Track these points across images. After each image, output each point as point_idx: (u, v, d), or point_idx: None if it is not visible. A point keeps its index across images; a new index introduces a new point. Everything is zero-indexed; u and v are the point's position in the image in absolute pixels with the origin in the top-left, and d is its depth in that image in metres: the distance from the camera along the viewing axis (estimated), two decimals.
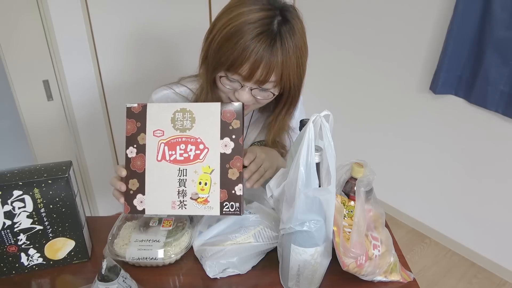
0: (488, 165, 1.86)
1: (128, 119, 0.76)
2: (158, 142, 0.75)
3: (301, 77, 0.85)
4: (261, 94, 0.83)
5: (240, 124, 0.75)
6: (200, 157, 0.75)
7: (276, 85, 0.82)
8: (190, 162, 0.75)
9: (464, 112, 1.86)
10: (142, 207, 0.75)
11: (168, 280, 0.78)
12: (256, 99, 0.84)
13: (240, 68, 0.77)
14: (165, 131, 0.75)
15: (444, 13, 1.79)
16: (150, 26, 1.85)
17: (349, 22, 2.22)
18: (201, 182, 0.74)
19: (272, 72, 0.77)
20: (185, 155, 0.75)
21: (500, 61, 1.63)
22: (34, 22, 1.56)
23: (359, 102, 2.34)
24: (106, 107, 1.88)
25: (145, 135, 0.76)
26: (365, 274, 0.72)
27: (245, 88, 0.81)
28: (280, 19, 0.77)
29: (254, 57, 0.75)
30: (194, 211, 0.75)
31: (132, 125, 0.76)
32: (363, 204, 0.72)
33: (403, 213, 2.32)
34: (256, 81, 0.79)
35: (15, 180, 0.71)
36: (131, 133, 0.76)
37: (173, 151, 0.75)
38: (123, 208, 0.76)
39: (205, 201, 0.74)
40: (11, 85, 1.60)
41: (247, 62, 0.76)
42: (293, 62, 0.79)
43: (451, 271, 2.01)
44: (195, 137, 0.75)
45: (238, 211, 0.75)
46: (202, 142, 0.75)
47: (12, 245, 0.76)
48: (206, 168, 0.75)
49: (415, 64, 1.98)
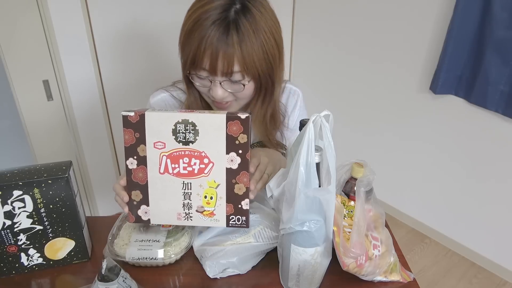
0: (488, 165, 1.86)
1: (125, 128, 0.71)
2: (160, 154, 0.72)
3: (270, 64, 0.81)
4: (232, 87, 0.81)
5: (247, 138, 0.70)
6: (205, 171, 0.72)
7: (244, 75, 0.79)
8: (194, 176, 0.72)
9: (464, 112, 1.86)
10: (147, 218, 0.75)
11: (168, 280, 0.78)
12: (233, 95, 0.83)
13: (201, 62, 0.77)
14: (167, 144, 0.71)
15: (444, 13, 1.79)
16: (150, 26, 1.84)
17: (349, 22, 2.22)
18: (206, 196, 0.73)
19: (233, 61, 0.76)
20: (189, 168, 0.72)
21: (500, 61, 1.63)
22: (34, 22, 1.56)
23: (359, 102, 2.34)
24: (106, 107, 1.88)
25: (145, 146, 0.72)
26: (365, 274, 0.72)
27: (216, 83, 0.80)
28: (238, 7, 0.76)
29: (210, 48, 0.75)
30: (200, 223, 0.75)
31: (130, 136, 0.72)
32: (363, 204, 0.71)
33: (403, 213, 2.32)
34: (222, 73, 0.78)
35: (15, 180, 0.71)
36: (129, 143, 0.72)
37: (176, 164, 0.72)
38: (128, 217, 0.76)
39: (211, 214, 0.74)
40: (11, 85, 1.60)
41: (205, 54, 0.76)
42: (256, 49, 0.76)
43: (451, 271, 2.01)
44: (199, 151, 0.71)
45: (244, 224, 0.75)
46: (206, 156, 0.71)
47: (12, 245, 0.76)
48: (212, 183, 0.73)
49: (415, 64, 1.98)
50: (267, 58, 0.80)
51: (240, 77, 0.79)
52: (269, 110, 0.92)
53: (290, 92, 1.03)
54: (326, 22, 2.32)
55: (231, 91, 0.82)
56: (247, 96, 0.86)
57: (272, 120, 0.95)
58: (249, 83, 0.82)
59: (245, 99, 0.88)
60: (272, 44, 0.80)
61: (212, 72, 0.78)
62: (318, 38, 2.38)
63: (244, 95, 0.84)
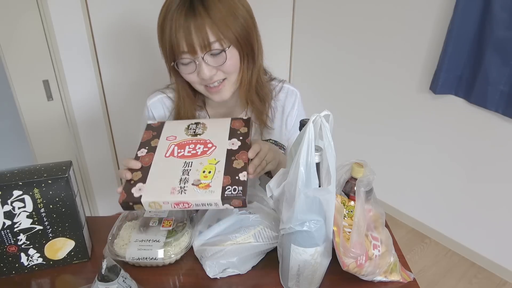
0: (488, 165, 1.86)
1: (146, 130, 0.84)
2: (169, 144, 0.80)
3: (245, 28, 0.83)
4: (216, 60, 0.83)
5: (248, 130, 0.81)
6: (207, 152, 0.77)
7: (222, 43, 0.81)
8: (196, 157, 0.77)
9: (464, 112, 1.86)
10: (139, 194, 0.71)
11: (168, 280, 0.78)
12: (221, 71, 0.85)
13: (178, 46, 0.80)
14: (178, 136, 0.82)
15: (444, 13, 1.79)
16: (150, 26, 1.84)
17: (349, 22, 2.22)
18: (205, 171, 0.73)
19: (206, 31, 0.78)
20: (193, 152, 0.78)
21: (500, 61, 1.63)
22: (34, 22, 1.56)
23: (359, 102, 2.34)
24: (106, 107, 1.87)
25: (158, 140, 0.81)
26: (365, 274, 0.72)
27: (200, 63, 0.82)
28: None
29: (181, 27, 0.78)
30: (194, 196, 0.69)
31: (148, 134, 0.83)
32: (363, 204, 0.72)
33: (403, 213, 2.32)
34: (201, 48, 0.80)
35: (15, 180, 0.71)
36: (146, 139, 0.82)
37: (182, 149, 0.79)
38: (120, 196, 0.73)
39: (206, 186, 0.71)
40: (11, 85, 1.60)
41: (179, 36, 0.79)
42: (225, 13, 0.79)
43: (451, 271, 2.01)
44: (205, 139, 0.80)
45: (240, 193, 0.69)
46: (211, 142, 0.80)
47: (12, 245, 0.76)
48: (212, 160, 0.75)
49: (415, 64, 1.98)
50: (239, 20, 0.82)
51: (219, 46, 0.81)
52: (254, 75, 0.92)
53: (288, 92, 1.03)
54: (326, 22, 2.32)
55: (215, 65, 0.83)
56: (234, 68, 0.87)
57: (259, 88, 0.96)
58: (231, 51, 0.83)
59: (234, 73, 0.88)
60: (240, 6, 0.83)
61: (191, 50, 0.80)
62: (318, 38, 2.38)
63: (230, 67, 0.85)
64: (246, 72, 0.90)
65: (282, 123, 1.03)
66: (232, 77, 0.89)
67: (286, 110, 1.02)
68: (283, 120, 1.03)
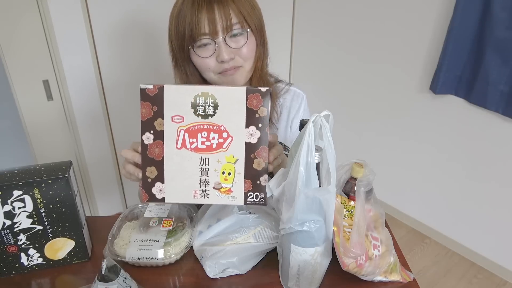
0: (488, 165, 1.86)
1: (142, 101, 0.70)
2: (178, 128, 0.71)
3: (260, 22, 0.87)
4: (236, 41, 0.84)
5: (267, 112, 0.70)
6: (224, 146, 0.71)
7: (244, 25, 0.83)
8: (212, 151, 0.71)
9: (464, 112, 1.86)
10: (162, 196, 0.72)
11: (168, 280, 0.78)
12: (238, 56, 0.85)
13: (200, 27, 0.80)
14: (185, 117, 0.70)
15: (444, 13, 1.79)
16: (150, 26, 1.85)
17: (349, 22, 2.22)
18: (224, 172, 0.71)
19: (229, 13, 0.80)
20: (207, 143, 0.71)
21: (500, 61, 1.63)
22: (34, 22, 1.56)
23: (359, 102, 2.34)
24: (106, 107, 1.88)
25: (162, 120, 0.70)
26: (365, 274, 0.72)
27: (220, 45, 0.83)
28: None
29: (205, 7, 0.79)
30: (217, 201, 0.72)
31: (147, 109, 0.70)
32: (363, 204, 0.72)
33: (403, 213, 2.32)
34: (223, 29, 0.81)
35: (15, 180, 0.71)
36: (146, 117, 0.71)
37: (194, 139, 0.71)
38: (141, 196, 0.73)
39: (228, 191, 0.71)
40: (11, 85, 1.60)
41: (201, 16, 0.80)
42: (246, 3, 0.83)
43: (451, 271, 2.01)
44: (218, 125, 0.70)
45: (262, 201, 0.72)
46: (225, 130, 0.71)
47: (12, 245, 0.76)
48: (230, 158, 0.71)
49: (415, 64, 1.98)
50: (256, 13, 0.86)
51: (239, 28, 0.83)
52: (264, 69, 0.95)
53: (294, 94, 1.03)
54: (326, 22, 2.32)
55: (235, 47, 0.84)
56: (251, 53, 0.88)
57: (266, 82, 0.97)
58: (250, 36, 0.85)
59: (250, 60, 0.89)
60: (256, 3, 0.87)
61: (213, 31, 0.81)
62: (318, 38, 2.38)
63: (248, 52, 0.86)
64: (259, 63, 0.92)
65: (287, 124, 1.03)
66: (247, 65, 0.89)
67: (292, 112, 1.03)
68: (288, 121, 1.03)
